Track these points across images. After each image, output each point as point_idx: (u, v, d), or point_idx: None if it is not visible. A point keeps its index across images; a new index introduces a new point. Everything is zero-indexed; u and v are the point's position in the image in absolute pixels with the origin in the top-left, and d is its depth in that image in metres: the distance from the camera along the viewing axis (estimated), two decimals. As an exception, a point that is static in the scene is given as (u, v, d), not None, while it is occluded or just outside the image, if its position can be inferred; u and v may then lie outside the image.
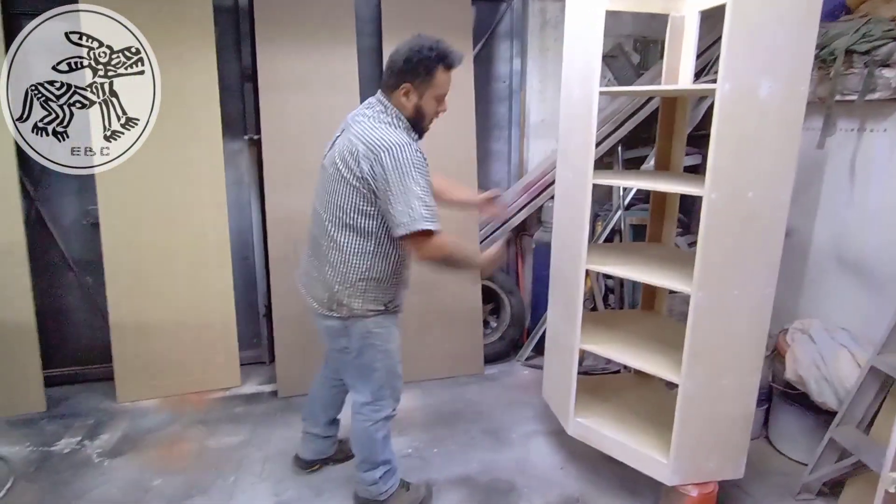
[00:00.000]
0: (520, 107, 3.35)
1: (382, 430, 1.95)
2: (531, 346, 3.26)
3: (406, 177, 1.59)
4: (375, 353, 1.85)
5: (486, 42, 3.26)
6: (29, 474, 2.29)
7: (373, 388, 1.90)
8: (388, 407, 1.94)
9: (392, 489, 2.03)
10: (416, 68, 1.67)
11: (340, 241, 1.73)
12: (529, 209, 3.24)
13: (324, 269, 1.79)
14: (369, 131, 1.65)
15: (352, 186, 1.66)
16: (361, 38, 2.93)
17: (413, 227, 1.59)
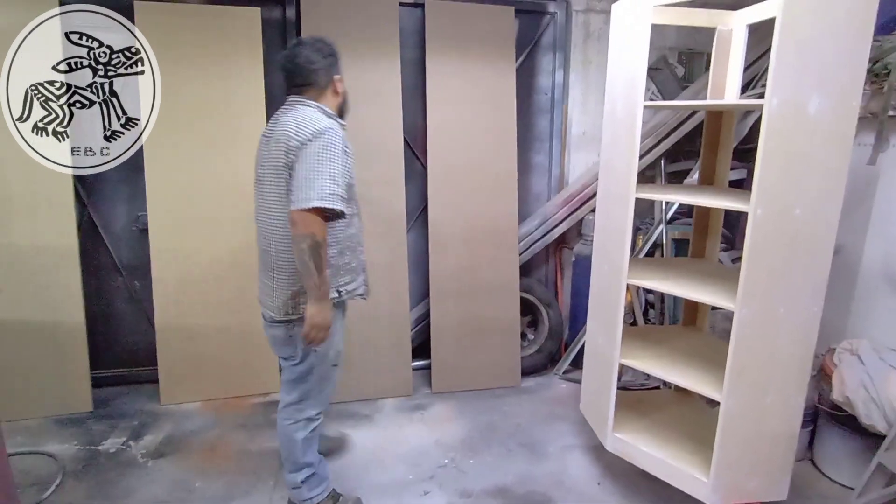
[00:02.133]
0: (561, 119, 3.34)
1: (303, 431, 1.96)
2: (569, 359, 3.22)
3: (322, 158, 1.65)
4: (314, 359, 1.90)
5: (529, 54, 3.27)
6: (77, 472, 2.37)
7: (302, 390, 1.94)
8: (311, 409, 1.97)
9: (318, 497, 2.04)
10: (335, 60, 1.85)
11: (283, 243, 1.78)
12: (569, 222, 3.22)
13: (276, 276, 1.83)
14: (300, 125, 1.70)
15: (283, 186, 1.72)
16: (404, 50, 2.98)
17: (310, 202, 1.61)
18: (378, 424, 2.75)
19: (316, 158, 1.65)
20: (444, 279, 3.03)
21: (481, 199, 3.04)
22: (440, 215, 3.01)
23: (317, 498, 2.03)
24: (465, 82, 3.00)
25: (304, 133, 1.69)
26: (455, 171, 3.01)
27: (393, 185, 2.95)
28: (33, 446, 2.53)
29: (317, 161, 1.65)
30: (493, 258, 3.06)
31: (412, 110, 3.06)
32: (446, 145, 3.00)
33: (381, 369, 2.99)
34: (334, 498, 2.09)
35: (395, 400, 2.97)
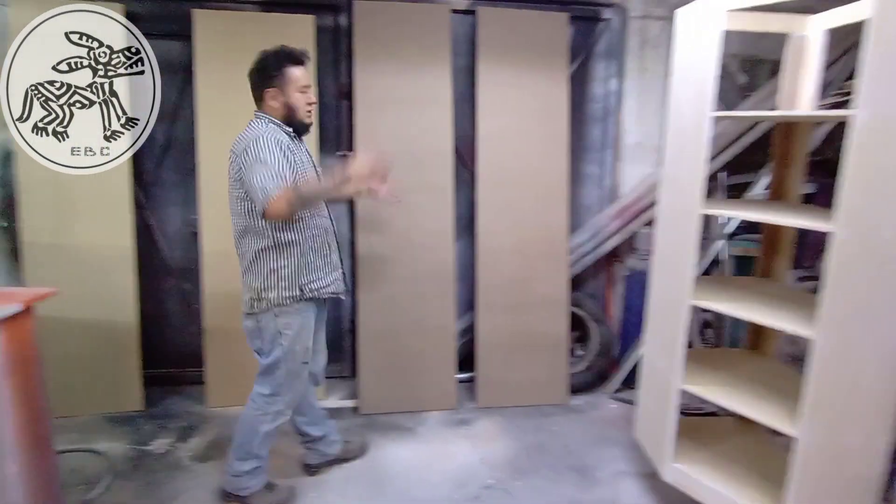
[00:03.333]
0: (615, 129, 3.23)
1: (269, 424, 2.05)
2: (620, 378, 3.08)
3: (255, 163, 1.79)
4: (280, 353, 1.99)
5: (582, 62, 3.18)
6: (126, 472, 2.40)
7: (273, 384, 2.03)
8: (281, 403, 2.05)
9: (254, 488, 2.12)
10: (269, 73, 1.94)
11: (248, 242, 1.95)
12: (622, 235, 3.10)
13: (246, 275, 1.99)
14: (239, 140, 1.90)
15: (236, 193, 1.90)
16: (455, 58, 2.94)
17: (267, 199, 1.76)
18: (421, 438, 2.69)
19: (252, 165, 1.80)
20: (491, 290, 2.95)
21: (531, 209, 2.95)
22: (489, 225, 2.94)
23: (255, 487, 2.12)
24: (516, 90, 2.93)
25: (240, 144, 1.87)
26: (505, 181, 2.94)
27: (441, 193, 2.90)
28: (85, 443, 2.58)
29: (253, 167, 1.80)
30: (542, 270, 2.97)
31: (462, 118, 3.01)
32: (496, 154, 2.93)
33: (426, 381, 2.93)
34: (269, 487, 2.17)
35: (438, 413, 2.91)
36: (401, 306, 2.90)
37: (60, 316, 2.77)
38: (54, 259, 2.75)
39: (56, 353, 2.79)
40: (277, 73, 1.94)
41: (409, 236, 2.88)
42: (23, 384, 1.60)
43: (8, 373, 1.55)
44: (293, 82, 1.96)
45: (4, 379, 1.54)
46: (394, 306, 2.89)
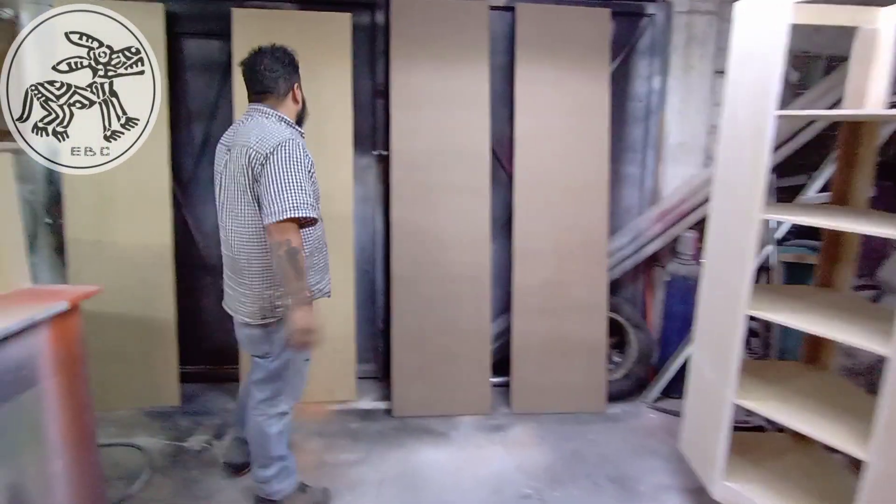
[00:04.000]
0: (657, 128, 3.12)
1: (276, 425, 1.99)
2: (660, 386, 2.98)
3: (287, 170, 1.68)
4: (290, 356, 1.93)
5: (624, 59, 3.08)
6: (163, 468, 2.42)
7: (276, 387, 1.98)
8: (284, 404, 2.01)
9: (287, 490, 2.06)
10: (296, 68, 1.90)
11: (260, 248, 1.80)
12: (664, 239, 2.99)
13: (252, 282, 1.84)
14: (261, 138, 1.72)
15: (247, 195, 1.75)
16: (494, 56, 2.88)
17: (284, 214, 1.65)
18: (455, 443, 2.64)
19: (282, 170, 1.68)
20: (527, 293, 2.89)
21: (569, 210, 2.87)
22: (525, 226, 2.87)
23: (285, 490, 2.06)
24: (555, 88, 2.86)
25: (267, 146, 1.70)
26: (542, 181, 2.86)
27: (478, 193, 2.85)
28: (124, 437, 2.62)
29: (283, 173, 1.68)
30: (580, 273, 2.89)
31: (499, 117, 2.94)
32: (534, 153, 2.86)
33: (460, 385, 2.88)
34: (302, 489, 2.12)
35: (472, 418, 2.86)
36: (435, 308, 2.85)
37: (101, 311, 2.81)
38: (96, 256, 2.79)
39: (96, 348, 2.80)
40: (296, 70, 1.92)
41: (444, 237, 2.84)
42: (69, 381, 1.61)
43: (55, 370, 1.56)
44: (300, 79, 1.95)
45: (51, 376, 1.55)
46: (428, 308, 2.85)
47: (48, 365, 1.54)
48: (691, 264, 2.95)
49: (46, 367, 1.54)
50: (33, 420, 1.51)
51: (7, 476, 1.42)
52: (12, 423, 1.43)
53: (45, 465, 1.55)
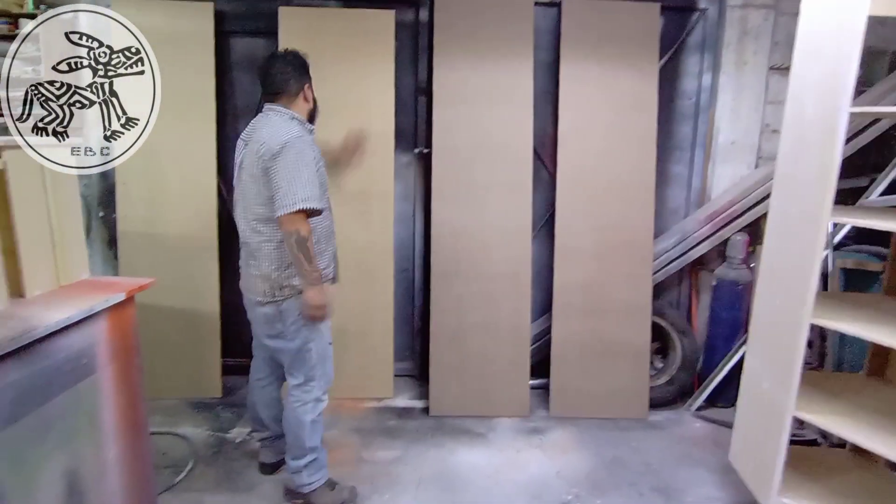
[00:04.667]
0: (707, 127, 3.01)
1: (311, 413, 2.06)
2: (705, 394, 2.88)
3: (295, 165, 1.83)
4: (308, 333, 2.01)
5: (673, 55, 2.98)
6: (207, 458, 2.46)
7: (306, 369, 2.05)
8: (317, 389, 2.07)
9: (317, 484, 2.10)
10: (307, 69, 2.03)
11: (268, 233, 1.94)
12: (712, 242, 2.89)
13: (261, 264, 1.97)
14: (271, 135, 1.88)
15: (258, 186, 1.90)
16: (537, 52, 2.83)
17: (295, 206, 1.81)
18: (493, 445, 2.61)
19: (291, 166, 1.83)
20: (568, 294, 2.83)
21: (613, 210, 2.80)
22: (568, 225, 2.82)
23: (315, 483, 2.10)
24: (600, 85, 2.79)
25: (276, 143, 1.85)
26: (586, 180, 2.80)
27: (519, 191, 2.81)
28: (170, 427, 2.68)
29: (292, 168, 1.83)
30: (624, 275, 2.81)
31: (542, 114, 2.90)
32: (577, 152, 2.80)
33: (498, 385, 2.85)
34: (331, 485, 2.15)
35: (510, 420, 2.82)
36: (474, 307, 2.83)
37: (149, 303, 2.86)
38: (146, 249, 2.87)
39: (143, 339, 2.88)
40: (306, 71, 2.04)
41: (484, 235, 2.81)
42: (122, 371, 1.65)
43: (110, 359, 1.60)
44: (309, 79, 2.07)
45: (107, 365, 1.59)
46: (467, 307, 2.83)
47: (105, 354, 1.58)
48: (741, 268, 2.84)
49: (104, 356, 1.58)
50: (91, 408, 1.55)
51: (66, 462, 1.46)
52: (71, 411, 1.47)
53: (101, 452, 1.59)
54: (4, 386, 1.26)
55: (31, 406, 1.34)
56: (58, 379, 1.42)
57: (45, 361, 1.37)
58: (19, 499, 1.30)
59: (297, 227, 1.82)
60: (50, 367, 1.39)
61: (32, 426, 1.35)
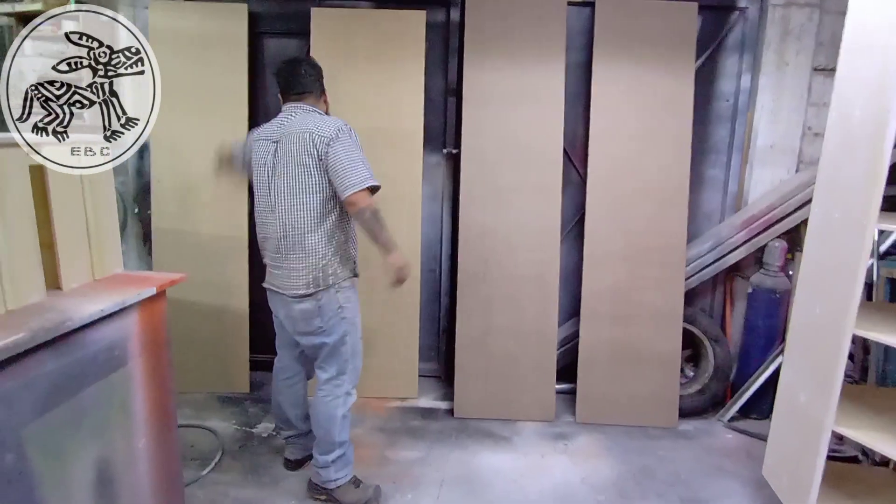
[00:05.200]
0: (745, 129, 2.92)
1: (342, 407, 2.10)
2: (738, 405, 2.78)
3: (353, 149, 1.95)
4: (346, 327, 2.07)
5: (710, 55, 2.90)
6: (234, 452, 2.50)
7: (339, 363, 2.10)
8: (348, 383, 2.12)
9: (342, 480, 2.13)
10: (322, 77, 2.14)
11: (308, 226, 1.99)
12: (748, 248, 2.80)
13: (302, 256, 2.00)
14: (319, 125, 1.97)
15: (311, 174, 1.96)
16: (570, 53, 2.79)
17: (363, 184, 1.90)
18: (518, 449, 2.58)
19: (351, 149, 1.94)
20: (597, 298, 2.78)
21: (645, 214, 2.74)
22: (597, 228, 2.77)
23: (341, 480, 2.13)
24: (634, 86, 2.73)
25: (329, 131, 1.95)
26: (617, 182, 2.75)
27: (548, 193, 2.77)
28: (199, 420, 2.73)
29: (350, 151, 1.93)
30: (654, 280, 2.75)
31: (573, 116, 2.85)
32: (609, 154, 2.75)
33: (523, 389, 2.82)
34: (356, 483, 2.17)
35: (535, 424, 2.78)
36: (501, 309, 2.80)
37: (181, 298, 2.94)
38: (178, 245, 2.94)
39: (175, 333, 2.93)
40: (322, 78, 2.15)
41: (512, 237, 2.78)
42: (153, 363, 1.68)
43: (140, 352, 1.63)
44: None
45: (138, 357, 1.62)
46: (493, 309, 2.80)
47: (136, 346, 1.61)
48: (778, 276, 2.75)
49: (135, 348, 1.61)
50: (122, 398, 1.58)
51: (98, 450, 1.49)
52: (104, 401, 1.51)
53: (131, 441, 1.62)
54: (41, 375, 1.30)
55: (66, 395, 1.38)
56: (91, 369, 1.46)
57: (79, 352, 1.41)
58: (53, 485, 1.34)
59: (370, 203, 1.92)
60: (84, 358, 1.43)
61: (67, 415, 1.39)
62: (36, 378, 1.29)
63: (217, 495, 2.20)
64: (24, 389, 1.26)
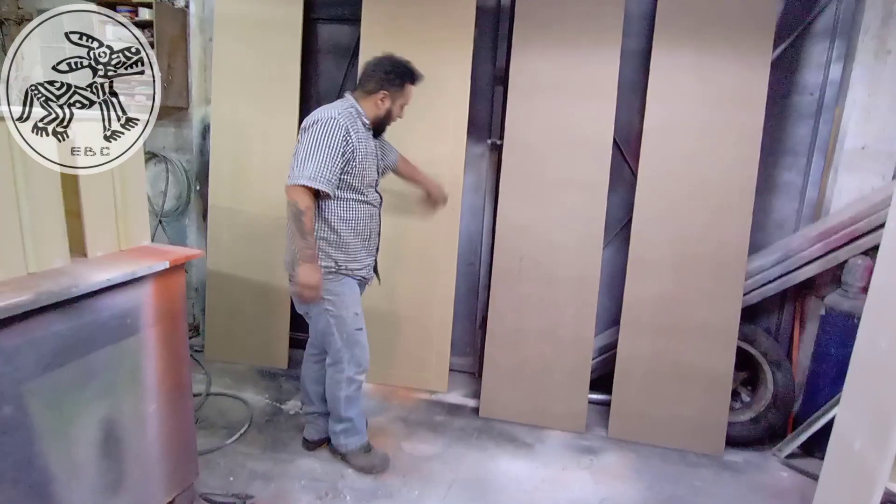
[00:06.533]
0: (831, 128, 2.56)
1: (344, 390, 2.18)
2: (799, 440, 2.46)
3: (316, 143, 1.91)
4: (329, 319, 2.09)
5: (793, 43, 2.56)
6: (261, 425, 2.59)
7: (333, 351, 2.16)
8: (347, 370, 2.16)
9: (352, 446, 2.27)
10: (392, 80, 2.04)
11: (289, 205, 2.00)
12: (824, 263, 2.45)
13: (288, 236, 2.05)
14: (315, 112, 2.01)
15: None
16: (626, 39, 2.58)
17: (298, 180, 1.90)
18: (539, 458, 2.45)
19: (312, 143, 1.91)
20: (640, 307, 2.57)
21: (701, 219, 2.48)
22: (646, 231, 2.55)
23: (351, 445, 2.27)
24: (698, 77, 2.47)
25: (310, 120, 1.97)
26: (672, 182, 2.51)
27: (595, 190, 2.59)
28: (235, 390, 2.86)
29: (312, 145, 1.91)
30: (706, 292, 2.49)
31: (627, 108, 2.65)
32: (665, 150, 2.51)
33: (554, 395, 2.68)
34: (366, 449, 2.29)
35: (562, 434, 2.64)
36: (536, 310, 2.67)
37: (232, 273, 3.10)
38: (231, 223, 3.08)
39: (226, 306, 3.14)
40: (398, 84, 2.06)
41: (553, 236, 2.63)
42: (166, 333, 1.76)
43: (155, 322, 1.71)
44: (404, 98, 2.11)
45: (151, 327, 1.70)
46: (528, 309, 2.68)
47: (150, 316, 1.69)
48: (858, 298, 2.38)
49: (148, 318, 1.69)
50: (133, 364, 1.67)
51: (105, 411, 1.58)
52: (113, 365, 1.60)
53: (140, 406, 1.71)
54: (47, 335, 1.39)
55: (73, 356, 1.47)
56: (101, 334, 1.54)
57: (88, 317, 1.49)
58: (54, 439, 1.43)
59: (296, 199, 1.90)
60: (93, 323, 1.51)
61: (74, 375, 1.48)
62: (42, 337, 1.38)
63: (235, 465, 2.29)
64: (29, 347, 1.35)
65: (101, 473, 1.59)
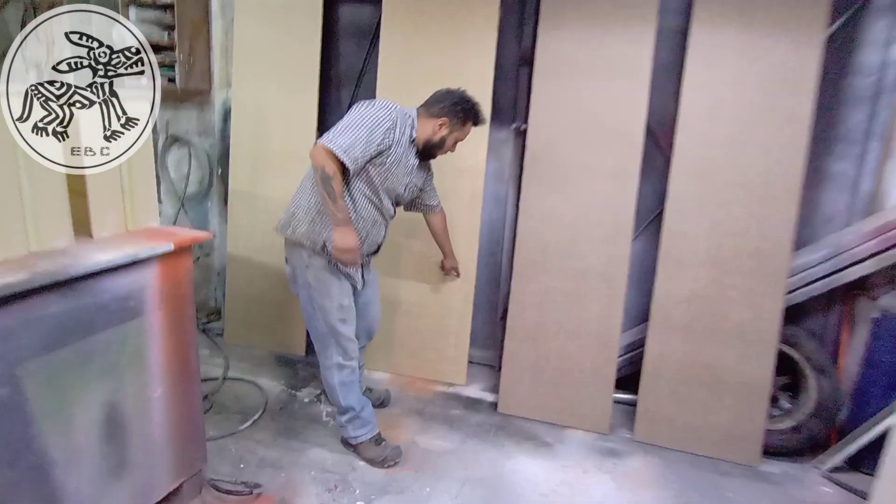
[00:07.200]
0: (890, 113, 2.33)
1: (335, 376, 2.15)
2: (845, 453, 2.26)
3: (354, 118, 1.90)
4: (313, 304, 2.08)
5: (850, 19, 2.34)
6: (274, 412, 2.56)
7: (316, 336, 2.16)
8: (334, 356, 2.14)
9: (362, 437, 2.22)
10: (457, 114, 2.04)
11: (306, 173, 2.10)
12: (879, 262, 2.24)
13: (291, 200, 2.12)
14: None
15: None
16: (663, 17, 2.41)
17: (329, 143, 1.85)
18: (558, 458, 2.34)
19: (359, 117, 1.89)
20: (671, 304, 2.41)
21: (741, 210, 2.30)
22: (679, 224, 2.38)
23: (361, 437, 2.22)
24: (740, 57, 2.27)
25: (366, 100, 1.97)
26: (710, 171, 2.33)
27: (623, 178, 2.44)
28: (252, 375, 2.84)
29: (358, 120, 1.89)
30: (744, 291, 2.31)
31: (661, 91, 2.48)
32: (702, 137, 2.34)
33: (576, 393, 2.55)
34: (377, 441, 2.24)
35: (585, 434, 2.52)
36: (559, 303, 2.55)
37: (252, 258, 3.08)
38: (251, 207, 3.06)
39: (247, 292, 3.13)
40: (461, 118, 2.05)
41: (578, 226, 2.50)
42: (173, 316, 1.72)
43: (160, 304, 1.67)
44: (460, 134, 2.10)
45: (156, 310, 1.66)
46: (551, 302, 2.56)
47: (154, 299, 1.66)
48: (918, 300, 2.18)
49: (152, 301, 1.65)
50: (137, 347, 1.63)
51: (107, 394, 1.55)
52: (116, 348, 1.56)
53: (145, 389, 1.67)
54: (45, 315, 1.36)
55: (72, 338, 1.43)
56: (102, 316, 1.51)
57: (88, 298, 1.46)
58: (52, 421, 1.41)
59: (324, 164, 1.84)
60: (94, 305, 1.48)
61: (73, 357, 1.44)
62: (39, 318, 1.34)
63: (246, 451, 2.26)
64: (24, 327, 1.31)
65: (103, 457, 1.57)
